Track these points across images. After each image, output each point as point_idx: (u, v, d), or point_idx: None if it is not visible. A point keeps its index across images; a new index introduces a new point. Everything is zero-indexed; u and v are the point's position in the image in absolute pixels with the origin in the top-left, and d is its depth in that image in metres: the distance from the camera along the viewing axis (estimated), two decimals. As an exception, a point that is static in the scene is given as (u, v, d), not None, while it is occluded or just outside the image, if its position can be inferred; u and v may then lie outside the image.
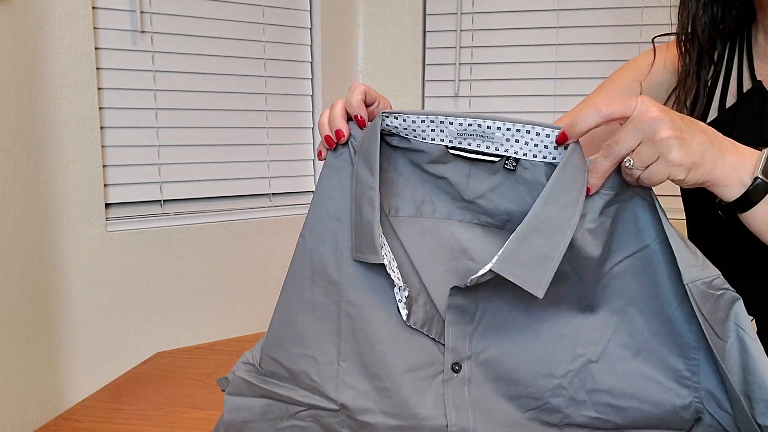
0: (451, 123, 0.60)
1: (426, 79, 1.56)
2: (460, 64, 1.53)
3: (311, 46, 1.47)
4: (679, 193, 0.84)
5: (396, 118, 0.62)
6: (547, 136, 0.57)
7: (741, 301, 0.55)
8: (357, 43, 1.53)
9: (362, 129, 0.64)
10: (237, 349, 1.29)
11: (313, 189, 1.51)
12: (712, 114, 0.76)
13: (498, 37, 1.52)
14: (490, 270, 0.54)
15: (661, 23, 1.42)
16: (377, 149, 0.60)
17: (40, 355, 1.09)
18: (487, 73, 1.53)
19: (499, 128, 0.59)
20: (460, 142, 0.62)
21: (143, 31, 1.22)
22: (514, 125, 0.58)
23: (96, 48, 1.16)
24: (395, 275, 0.60)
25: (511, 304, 0.61)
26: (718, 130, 0.56)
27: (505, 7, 1.50)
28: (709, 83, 0.76)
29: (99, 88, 1.17)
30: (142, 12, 1.21)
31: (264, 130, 1.42)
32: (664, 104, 0.79)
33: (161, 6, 1.24)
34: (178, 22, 1.27)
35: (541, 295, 0.53)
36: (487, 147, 0.60)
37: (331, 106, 0.66)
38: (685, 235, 0.74)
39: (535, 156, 0.59)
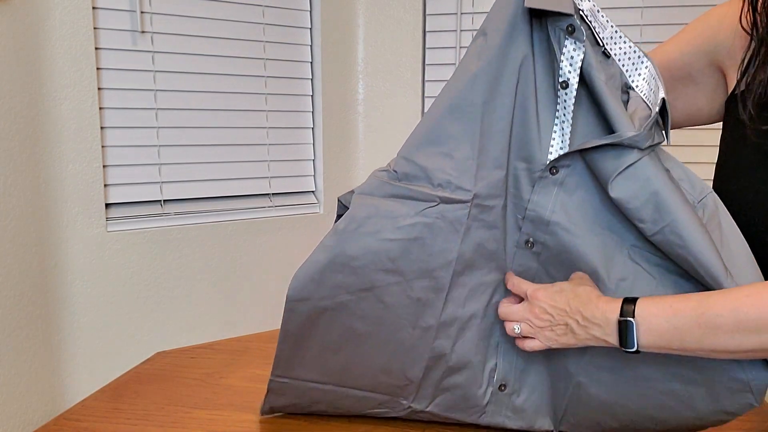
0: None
1: (426, 79, 1.56)
2: (459, 64, 1.53)
3: (311, 46, 1.47)
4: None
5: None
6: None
7: None
8: (357, 43, 1.53)
9: None
10: (237, 349, 1.29)
11: (313, 189, 1.52)
12: None
13: (498, 37, 1.52)
14: None
15: (662, 23, 1.43)
16: None
17: (40, 355, 1.09)
18: (486, 73, 1.53)
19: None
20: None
21: (143, 31, 1.22)
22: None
23: (96, 48, 1.16)
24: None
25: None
26: None
27: (505, 7, 1.50)
28: None
29: (99, 88, 1.17)
30: (142, 12, 1.21)
31: (264, 130, 1.42)
32: (726, 63, 0.79)
33: (161, 6, 1.24)
34: (178, 22, 1.27)
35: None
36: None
37: None
38: None
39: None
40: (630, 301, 0.67)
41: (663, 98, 0.71)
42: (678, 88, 0.86)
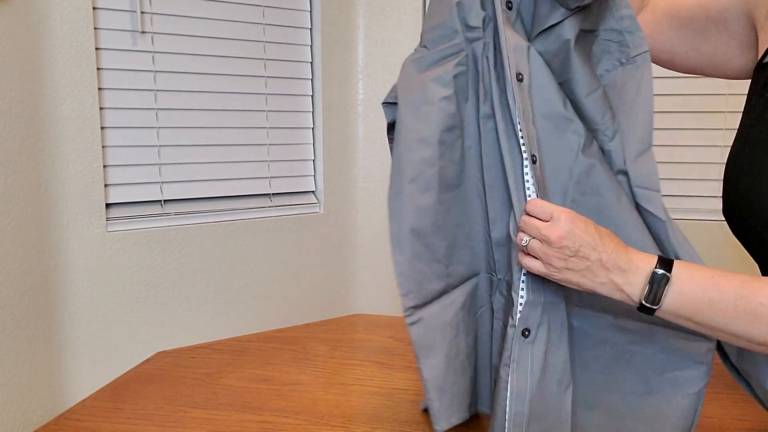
0: None
1: (426, 79, 1.56)
2: (459, 64, 1.53)
3: (311, 46, 1.47)
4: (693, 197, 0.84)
5: None
6: None
7: None
8: (357, 43, 1.53)
9: None
10: (237, 349, 1.29)
11: (313, 189, 1.52)
12: None
13: (497, 37, 1.52)
14: None
15: None
16: None
17: (41, 355, 1.09)
18: (486, 73, 1.53)
19: None
20: None
21: (143, 32, 1.22)
22: None
23: (96, 48, 1.16)
24: None
25: None
26: None
27: (505, 7, 1.50)
28: None
29: (99, 88, 1.17)
30: (142, 12, 1.21)
31: (264, 130, 1.42)
32: (760, 21, 0.77)
33: (161, 6, 1.24)
34: (178, 23, 1.27)
35: None
36: None
37: None
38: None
39: None
40: (666, 261, 0.64)
41: None
42: (710, 30, 0.83)
